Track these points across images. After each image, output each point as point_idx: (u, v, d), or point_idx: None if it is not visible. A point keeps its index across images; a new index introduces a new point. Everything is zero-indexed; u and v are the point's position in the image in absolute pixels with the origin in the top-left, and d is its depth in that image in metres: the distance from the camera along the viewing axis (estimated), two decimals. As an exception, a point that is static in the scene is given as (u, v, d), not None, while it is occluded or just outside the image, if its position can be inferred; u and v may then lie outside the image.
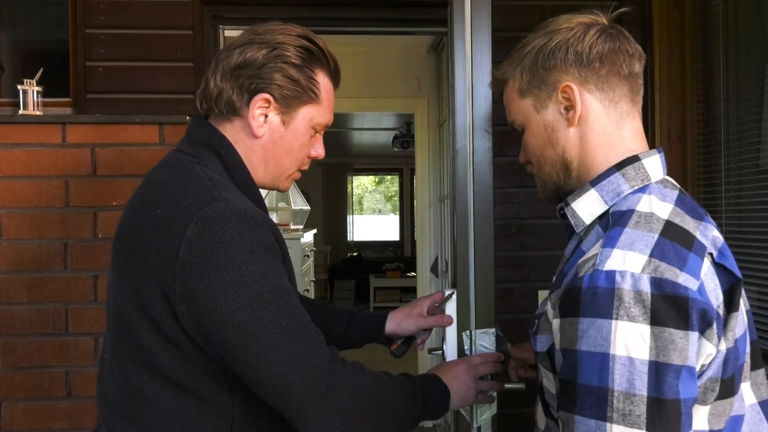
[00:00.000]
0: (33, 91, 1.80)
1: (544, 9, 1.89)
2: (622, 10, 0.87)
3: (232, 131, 0.97)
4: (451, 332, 1.15)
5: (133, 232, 0.90)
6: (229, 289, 0.83)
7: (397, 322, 1.23)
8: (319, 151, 1.04)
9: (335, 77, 1.02)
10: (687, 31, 1.90)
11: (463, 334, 1.13)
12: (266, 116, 0.96)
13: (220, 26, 1.94)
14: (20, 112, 1.79)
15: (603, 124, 0.84)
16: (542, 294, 1.88)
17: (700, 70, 1.89)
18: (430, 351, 1.39)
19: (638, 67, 0.85)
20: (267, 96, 0.94)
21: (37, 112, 1.80)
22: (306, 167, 1.06)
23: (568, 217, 0.86)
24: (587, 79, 0.83)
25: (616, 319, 0.68)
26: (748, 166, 1.68)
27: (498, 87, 0.95)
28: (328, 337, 1.18)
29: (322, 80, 0.99)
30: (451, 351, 1.15)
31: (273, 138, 0.97)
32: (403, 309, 1.25)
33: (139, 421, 0.91)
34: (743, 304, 0.78)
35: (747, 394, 0.79)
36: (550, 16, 0.89)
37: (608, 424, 0.67)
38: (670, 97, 1.91)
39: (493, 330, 1.13)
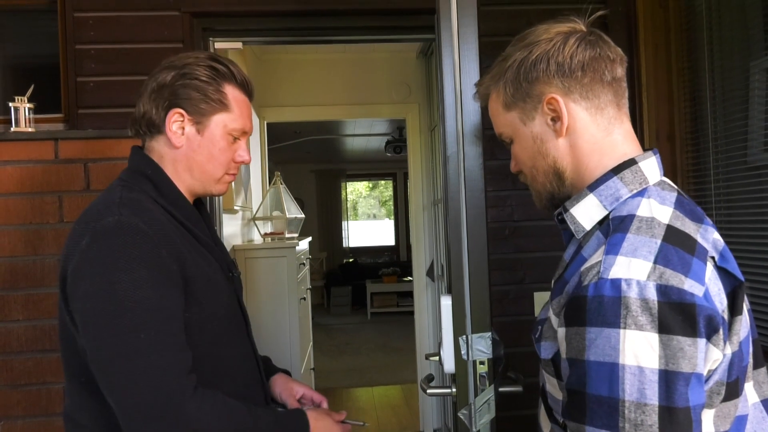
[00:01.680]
0: (24, 107, 1.80)
1: (530, 13, 1.91)
2: (598, 13, 0.87)
3: (158, 147, 1.10)
4: (448, 338, 1.16)
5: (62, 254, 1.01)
6: (96, 294, 0.90)
7: (278, 391, 1.28)
8: (243, 156, 1.13)
9: (245, 89, 1.13)
10: (672, 30, 1.92)
11: (460, 339, 1.14)
12: (183, 129, 1.08)
13: (210, 39, 1.95)
14: (12, 129, 1.79)
15: (592, 131, 0.83)
16: (538, 296, 1.89)
17: (686, 69, 1.91)
18: (427, 357, 1.39)
19: (620, 72, 0.85)
20: (180, 110, 1.07)
21: (29, 129, 1.80)
22: (234, 171, 1.15)
23: (568, 222, 0.85)
24: (571, 89, 0.83)
25: (624, 328, 0.67)
26: (736, 163, 1.70)
27: (482, 100, 0.95)
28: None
29: (231, 92, 1.10)
30: (448, 357, 1.16)
31: (192, 146, 1.08)
32: (283, 379, 1.30)
33: (82, 424, 1.01)
34: (745, 304, 0.78)
35: (750, 393, 0.79)
36: (536, 20, 0.89)
37: None
38: (657, 97, 1.93)
39: (489, 334, 1.14)
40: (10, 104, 1.79)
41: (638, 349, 0.67)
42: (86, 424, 1.01)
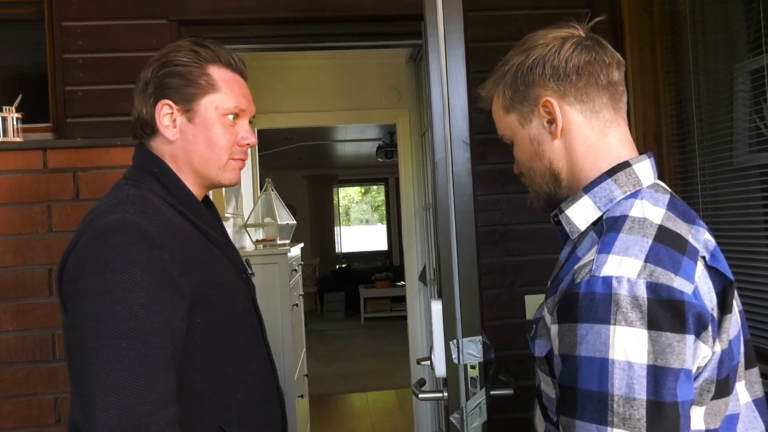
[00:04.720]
0: (12, 117, 1.79)
1: (518, 18, 1.92)
2: (597, 19, 0.89)
3: (157, 146, 1.05)
4: (439, 342, 1.17)
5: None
6: (85, 294, 0.86)
7: None
8: (247, 137, 1.07)
9: (232, 67, 1.07)
10: (657, 34, 1.94)
11: (450, 343, 1.14)
12: (174, 121, 1.03)
13: (199, 46, 1.95)
14: (0, 139, 1.78)
15: (587, 133, 0.85)
16: (528, 299, 1.90)
17: (671, 72, 1.93)
18: (419, 361, 1.40)
19: (617, 75, 0.87)
20: (166, 101, 1.02)
21: (18, 139, 1.79)
22: (241, 156, 1.08)
23: (563, 223, 0.87)
24: (566, 92, 0.85)
25: (614, 324, 0.69)
26: (722, 164, 1.72)
27: (486, 104, 0.98)
28: None
29: (216, 72, 1.04)
30: (439, 361, 1.16)
31: (186, 137, 1.03)
32: None
33: None
34: (736, 304, 0.80)
35: (742, 392, 0.80)
36: (524, 25, 0.91)
37: (609, 429, 0.68)
38: (644, 100, 1.95)
39: (480, 338, 1.15)
40: (-2, 114, 1.79)
41: (627, 345, 0.68)
42: None
